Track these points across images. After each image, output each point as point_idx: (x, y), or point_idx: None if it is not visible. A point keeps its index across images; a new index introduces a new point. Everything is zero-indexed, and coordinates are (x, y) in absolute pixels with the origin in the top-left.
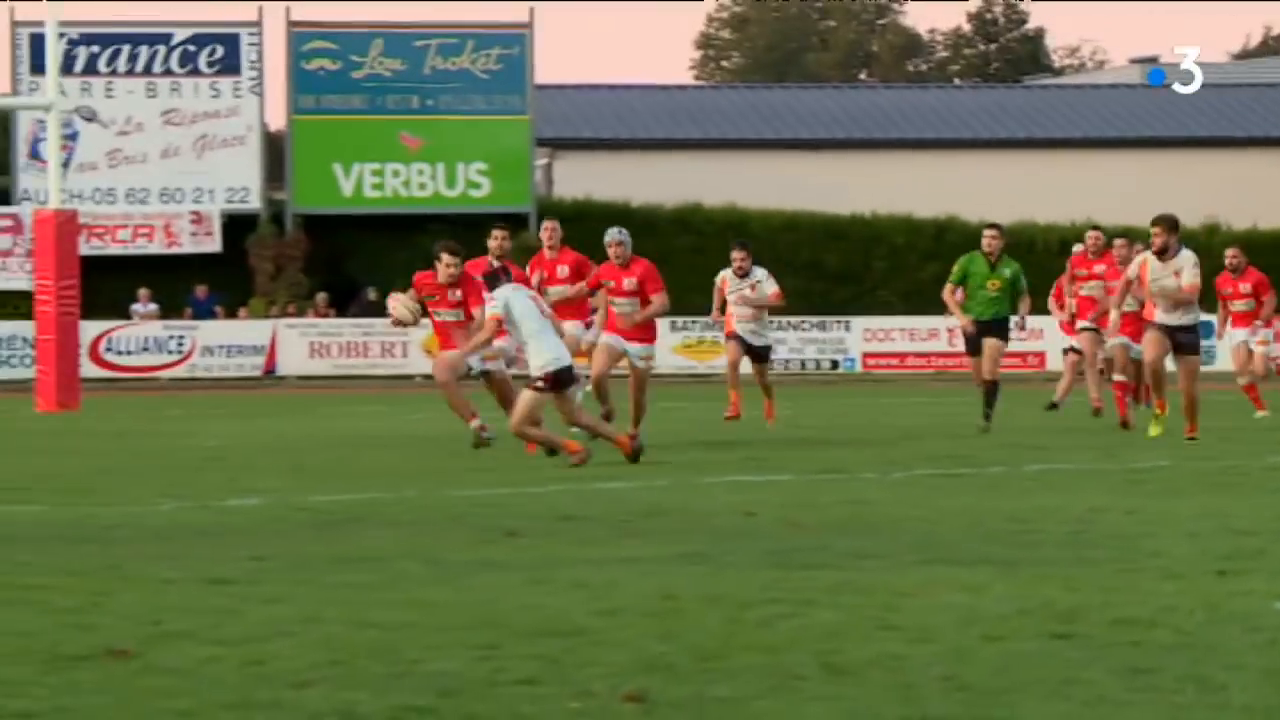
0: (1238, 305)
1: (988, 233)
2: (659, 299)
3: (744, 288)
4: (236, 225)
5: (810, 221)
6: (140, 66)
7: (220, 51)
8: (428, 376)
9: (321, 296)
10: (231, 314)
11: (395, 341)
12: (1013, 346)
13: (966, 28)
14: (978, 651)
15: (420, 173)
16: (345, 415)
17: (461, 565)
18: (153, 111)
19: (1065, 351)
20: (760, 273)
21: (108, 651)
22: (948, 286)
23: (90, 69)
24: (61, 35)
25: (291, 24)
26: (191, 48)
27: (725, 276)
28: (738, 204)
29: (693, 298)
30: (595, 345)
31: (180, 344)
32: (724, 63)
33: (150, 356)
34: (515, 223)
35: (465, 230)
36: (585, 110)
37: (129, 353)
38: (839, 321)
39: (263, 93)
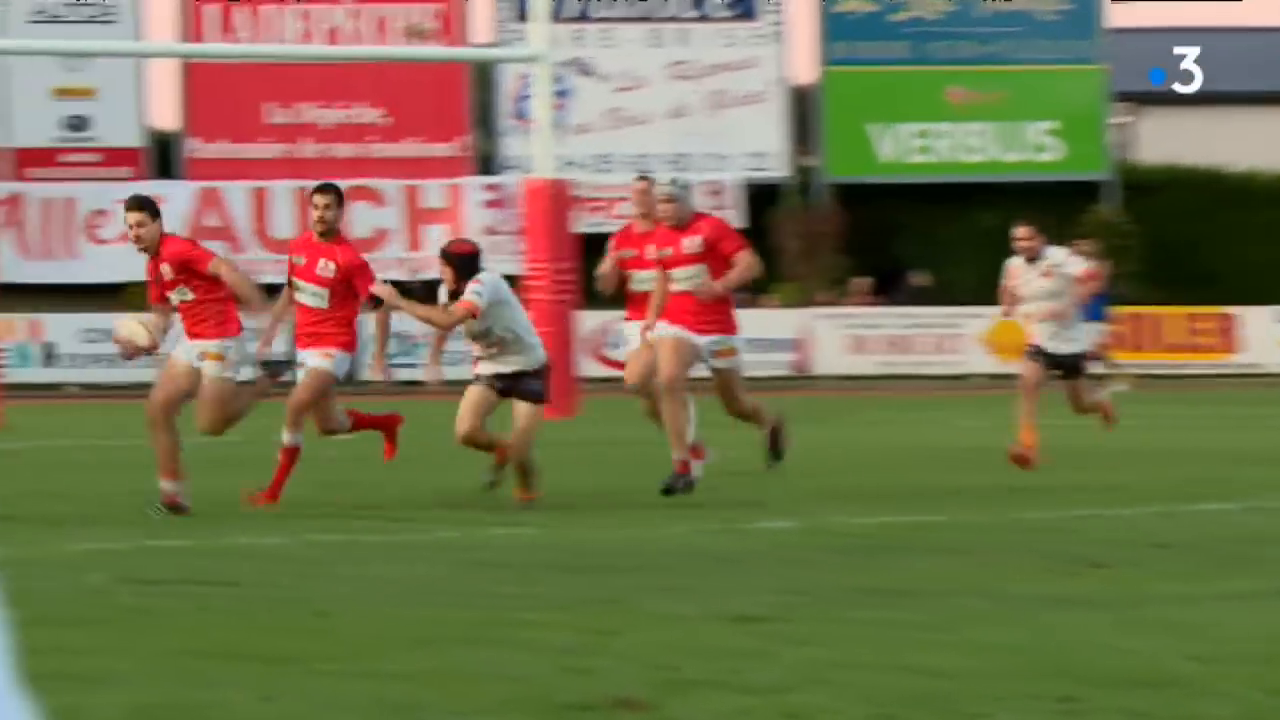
0: None
1: None
2: (745, 258)
3: (1036, 274)
4: (757, 197)
5: None
6: (642, 11)
7: None
8: (997, 375)
9: (861, 281)
10: (753, 301)
11: (948, 335)
12: None
13: None
14: None
15: (974, 134)
16: (890, 422)
17: (1030, 601)
18: (657, 64)
19: None
20: (1058, 253)
21: (616, 701)
22: None
23: (584, 15)
24: None
25: None
26: None
27: (1014, 265)
28: None
29: None
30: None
31: None
32: None
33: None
34: (1086, 193)
35: (1033, 201)
36: (1173, 59)
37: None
38: None
39: (786, 41)
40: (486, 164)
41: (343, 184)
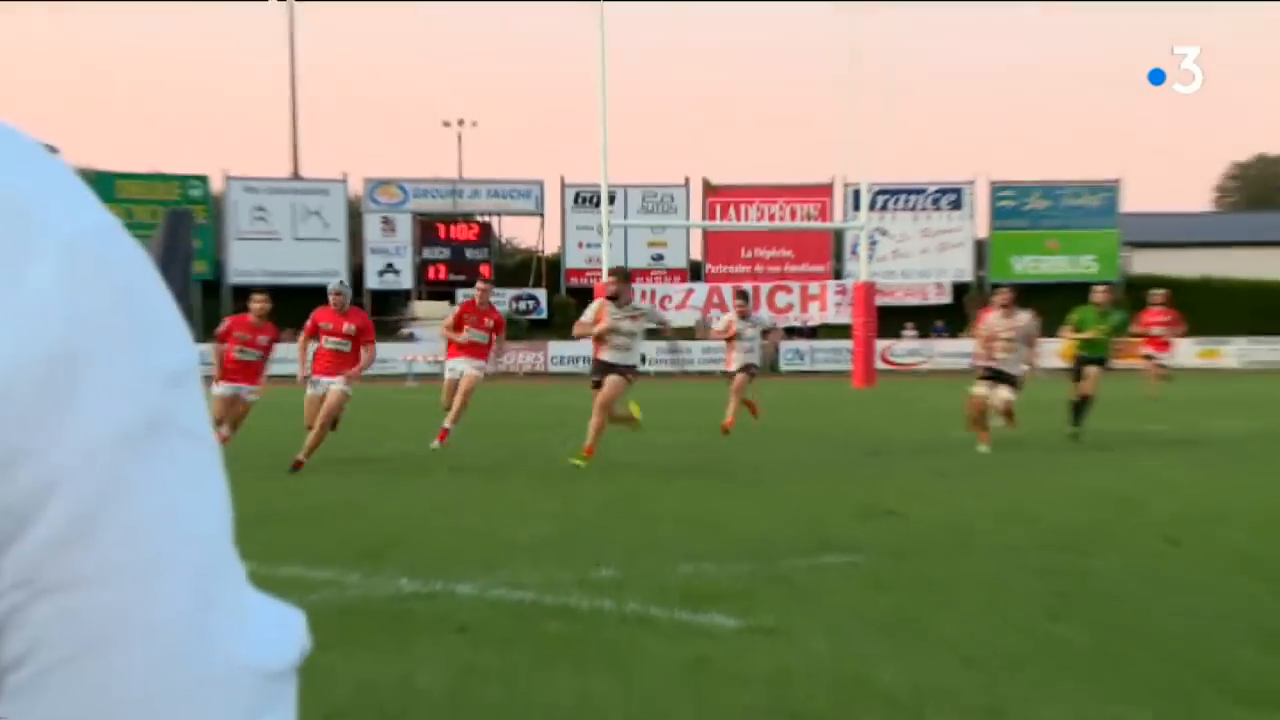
0: None
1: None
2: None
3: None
4: (958, 290)
5: None
6: (910, 205)
7: (953, 198)
8: None
9: None
10: (954, 337)
11: None
12: None
13: None
14: None
15: (1058, 263)
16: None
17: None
18: (916, 230)
19: None
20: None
21: (886, 511)
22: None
23: (883, 207)
24: (871, 189)
25: (992, 182)
26: (937, 195)
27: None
28: None
29: None
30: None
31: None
32: None
33: (910, 358)
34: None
35: (1081, 292)
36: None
37: (898, 356)
38: None
39: (973, 217)
40: (838, 275)
41: (769, 285)
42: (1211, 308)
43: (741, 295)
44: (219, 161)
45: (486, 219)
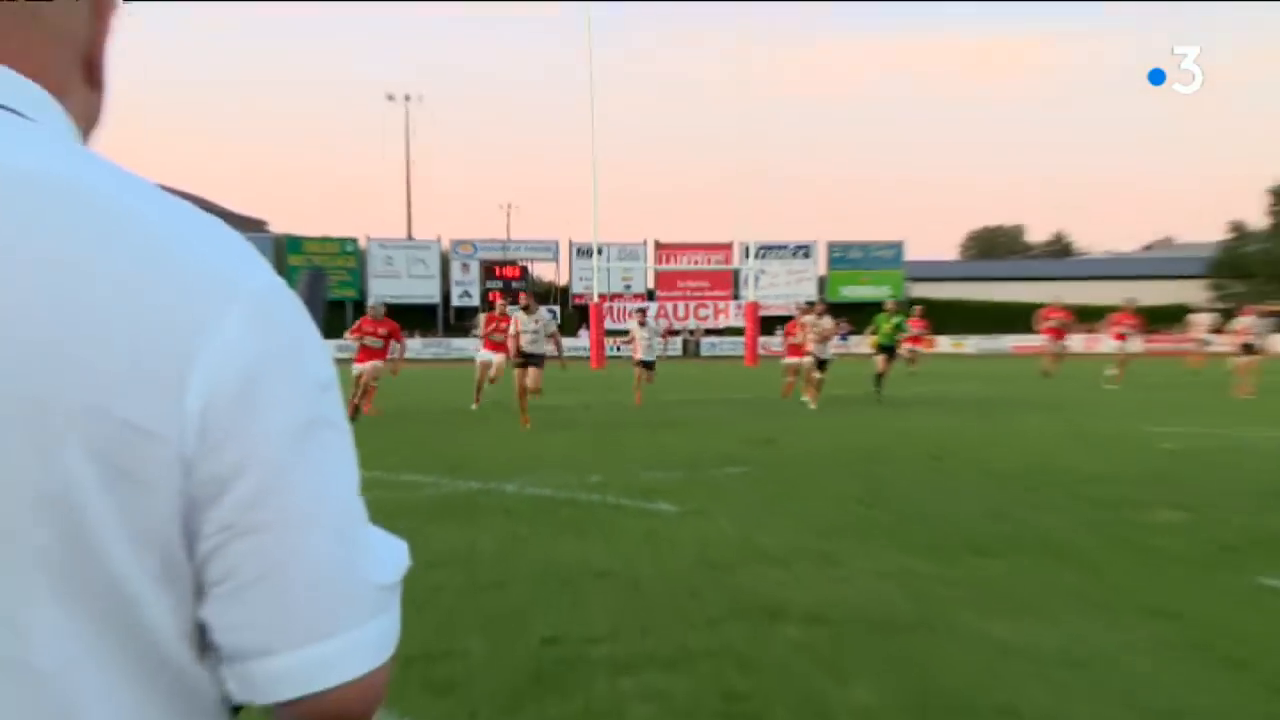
0: None
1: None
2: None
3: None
4: (809, 305)
5: None
6: (780, 255)
7: (805, 251)
8: None
9: None
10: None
11: None
12: None
13: None
14: None
15: (870, 285)
16: None
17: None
18: (783, 270)
19: None
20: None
21: (764, 439)
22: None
23: (763, 256)
24: (756, 245)
25: (829, 242)
26: (795, 249)
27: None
28: None
29: None
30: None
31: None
32: None
33: (780, 348)
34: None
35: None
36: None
37: (773, 347)
38: None
39: (817, 262)
40: (736, 297)
41: (694, 303)
42: (960, 318)
43: (641, 310)
44: (364, 227)
45: (524, 264)
